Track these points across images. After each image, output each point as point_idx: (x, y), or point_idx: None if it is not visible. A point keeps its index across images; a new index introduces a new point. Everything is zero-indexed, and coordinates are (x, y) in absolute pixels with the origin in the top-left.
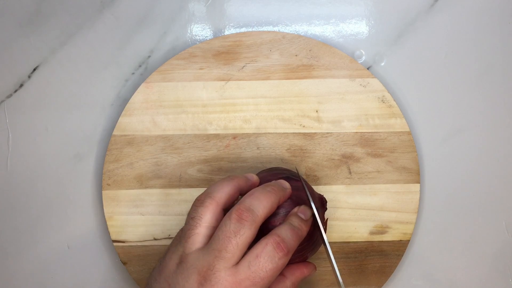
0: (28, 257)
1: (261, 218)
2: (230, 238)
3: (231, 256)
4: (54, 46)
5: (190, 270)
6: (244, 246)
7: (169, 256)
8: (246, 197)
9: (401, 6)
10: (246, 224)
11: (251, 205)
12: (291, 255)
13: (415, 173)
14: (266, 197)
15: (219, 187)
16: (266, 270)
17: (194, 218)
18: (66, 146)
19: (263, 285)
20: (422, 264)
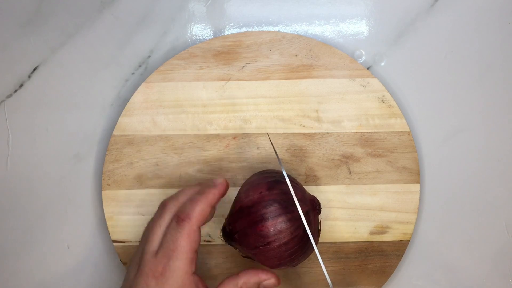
0: (28, 257)
1: (181, 203)
2: (155, 222)
3: (156, 238)
4: (54, 46)
5: (133, 263)
6: (165, 228)
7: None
8: (176, 192)
9: (401, 6)
10: (167, 208)
11: (174, 195)
12: (195, 220)
13: (415, 173)
14: (190, 188)
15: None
16: (174, 240)
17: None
18: (66, 146)
19: (177, 256)
20: (422, 264)
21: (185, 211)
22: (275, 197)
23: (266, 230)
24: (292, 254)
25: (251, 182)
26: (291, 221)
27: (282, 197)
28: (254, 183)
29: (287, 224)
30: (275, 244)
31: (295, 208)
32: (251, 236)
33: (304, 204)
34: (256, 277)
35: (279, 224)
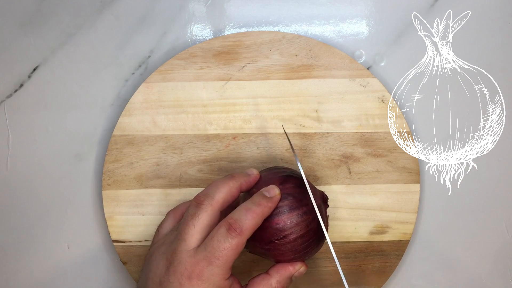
0: (28, 257)
1: (218, 202)
2: (188, 221)
3: (190, 237)
4: (54, 46)
5: (161, 256)
6: (202, 228)
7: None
8: (208, 186)
9: (401, 6)
10: (203, 207)
11: (208, 191)
12: (247, 233)
13: (415, 173)
14: (224, 183)
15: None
16: (220, 249)
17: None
18: (66, 146)
19: (219, 264)
20: (422, 264)
21: (239, 221)
22: (289, 190)
23: (283, 223)
24: (306, 248)
25: (263, 178)
26: (306, 214)
27: (296, 190)
28: (265, 178)
29: (302, 217)
30: (291, 237)
31: (309, 201)
32: (266, 230)
33: (316, 198)
34: (288, 272)
35: (295, 217)
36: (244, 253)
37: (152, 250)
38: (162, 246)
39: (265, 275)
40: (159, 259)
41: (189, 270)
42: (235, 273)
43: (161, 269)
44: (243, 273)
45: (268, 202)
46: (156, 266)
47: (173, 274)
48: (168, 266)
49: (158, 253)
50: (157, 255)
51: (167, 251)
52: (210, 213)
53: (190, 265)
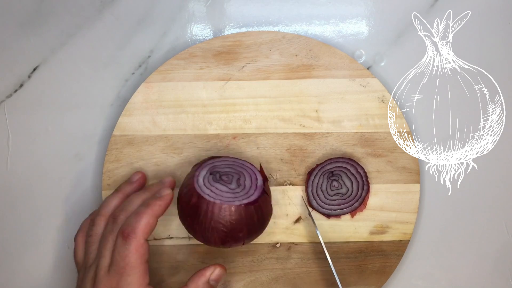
0: (28, 257)
1: (108, 211)
2: (107, 236)
3: (108, 253)
4: (54, 46)
5: (87, 279)
6: (98, 239)
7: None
8: (124, 202)
9: (401, 6)
10: (119, 221)
11: (123, 206)
12: (141, 234)
13: (415, 173)
14: (138, 196)
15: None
16: (123, 258)
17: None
18: (66, 146)
19: (129, 272)
20: (422, 264)
21: (130, 225)
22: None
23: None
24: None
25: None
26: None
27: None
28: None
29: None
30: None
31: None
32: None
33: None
34: (202, 277)
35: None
36: (200, 252)
37: (79, 276)
38: (86, 270)
39: (183, 286)
40: (86, 283)
41: (107, 286)
42: (191, 272)
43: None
44: (243, 273)
45: (158, 200)
46: (83, 285)
47: None
48: (92, 285)
49: (85, 277)
50: (84, 280)
51: (90, 272)
52: (104, 223)
53: (107, 281)
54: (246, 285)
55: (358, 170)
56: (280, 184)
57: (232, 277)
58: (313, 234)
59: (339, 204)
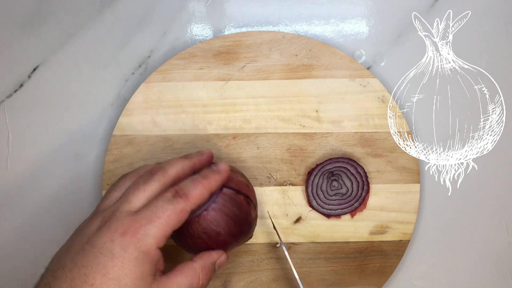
0: (28, 257)
1: (170, 176)
2: (139, 185)
3: (137, 200)
4: (54, 46)
5: (96, 218)
6: (151, 194)
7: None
8: (163, 162)
9: (401, 6)
10: (155, 177)
11: (162, 165)
12: (192, 201)
13: (415, 173)
14: (178, 160)
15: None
16: (164, 209)
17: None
18: (66, 146)
19: (158, 224)
20: (422, 264)
21: (186, 188)
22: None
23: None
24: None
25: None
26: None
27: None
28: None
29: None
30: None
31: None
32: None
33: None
34: (210, 258)
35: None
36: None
37: (89, 216)
38: (103, 211)
39: (190, 261)
40: (93, 221)
41: (125, 226)
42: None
43: (92, 228)
44: (243, 273)
45: (215, 174)
46: (87, 227)
47: (106, 229)
48: (101, 225)
49: (95, 217)
50: (93, 219)
51: (104, 213)
52: (162, 184)
53: (127, 222)
54: (246, 285)
55: (358, 170)
56: (280, 184)
57: (232, 277)
58: (313, 234)
59: (339, 204)
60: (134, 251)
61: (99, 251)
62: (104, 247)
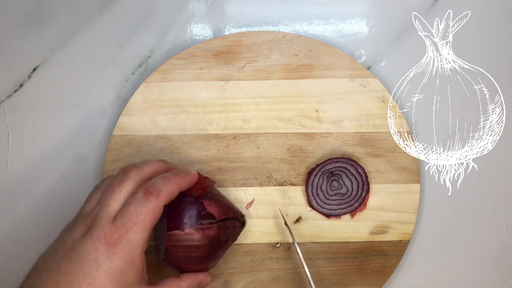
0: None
1: (145, 173)
2: (115, 186)
3: (115, 203)
4: (54, 46)
5: (79, 224)
6: (127, 194)
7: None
8: (138, 162)
9: (401, 6)
10: (130, 175)
11: (137, 164)
12: (164, 197)
13: (415, 173)
14: (154, 162)
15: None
16: (138, 213)
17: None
18: (66, 146)
19: (137, 230)
20: (422, 264)
21: (156, 185)
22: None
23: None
24: (202, 261)
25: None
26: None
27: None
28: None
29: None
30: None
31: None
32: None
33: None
34: (197, 280)
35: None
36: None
37: (70, 221)
38: (81, 217)
39: (176, 277)
40: (76, 227)
41: (107, 235)
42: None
43: (76, 234)
44: (243, 273)
45: (186, 175)
46: (72, 233)
47: (90, 238)
48: (85, 232)
49: (77, 223)
50: (76, 224)
51: (86, 219)
52: (136, 182)
53: (109, 230)
54: (246, 285)
55: (358, 170)
56: (280, 184)
57: (232, 277)
58: (313, 234)
59: (339, 204)
60: (119, 260)
61: (84, 260)
62: (88, 256)
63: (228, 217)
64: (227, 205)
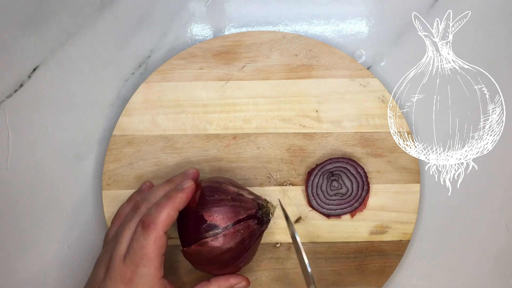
0: (28, 257)
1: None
2: (125, 224)
3: (124, 241)
4: (54, 46)
5: (101, 263)
6: (133, 232)
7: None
8: (146, 192)
9: (401, 6)
10: (139, 211)
11: (145, 196)
12: (161, 226)
13: (415, 173)
14: (160, 187)
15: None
16: (141, 248)
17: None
18: (66, 146)
19: (145, 263)
20: (422, 264)
21: (151, 216)
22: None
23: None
24: (236, 260)
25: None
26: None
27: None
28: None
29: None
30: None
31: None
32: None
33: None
34: (228, 283)
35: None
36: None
37: (98, 258)
38: (105, 254)
39: (206, 282)
40: (99, 266)
41: (122, 275)
42: (198, 281)
43: (100, 275)
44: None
45: (179, 193)
46: (96, 272)
47: (109, 279)
48: (105, 273)
49: (99, 260)
50: (98, 262)
51: (105, 257)
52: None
53: (122, 270)
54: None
55: (358, 170)
56: (280, 184)
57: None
58: (313, 234)
59: (339, 204)
60: None
61: None
62: None
63: (236, 220)
64: (233, 207)
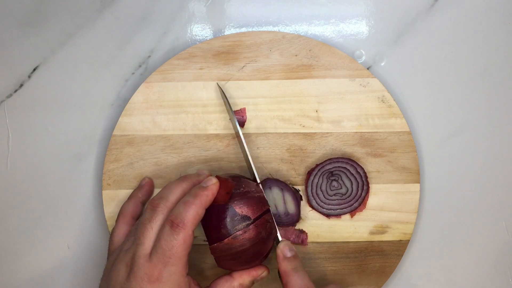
0: (28, 257)
1: (172, 203)
2: (146, 224)
3: (148, 241)
4: (54, 46)
5: (121, 264)
6: (158, 229)
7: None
8: (162, 189)
9: (401, 6)
10: (159, 210)
11: (162, 194)
12: (190, 225)
13: (415, 173)
14: (177, 185)
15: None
16: (170, 248)
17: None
18: (66, 146)
19: (174, 262)
20: (422, 264)
21: (179, 216)
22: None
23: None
24: (253, 259)
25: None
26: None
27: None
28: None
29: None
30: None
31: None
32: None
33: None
34: (250, 276)
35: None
36: None
37: (111, 259)
38: (120, 254)
39: (228, 276)
40: (119, 267)
41: (148, 274)
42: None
43: (122, 276)
44: None
45: (204, 191)
46: (116, 274)
47: (134, 279)
48: (128, 273)
49: (118, 261)
50: (117, 263)
51: (125, 257)
52: (166, 214)
53: (148, 269)
54: None
55: (358, 170)
56: None
57: None
58: (313, 234)
59: (338, 204)
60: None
61: None
62: None
63: (264, 211)
64: (259, 198)
